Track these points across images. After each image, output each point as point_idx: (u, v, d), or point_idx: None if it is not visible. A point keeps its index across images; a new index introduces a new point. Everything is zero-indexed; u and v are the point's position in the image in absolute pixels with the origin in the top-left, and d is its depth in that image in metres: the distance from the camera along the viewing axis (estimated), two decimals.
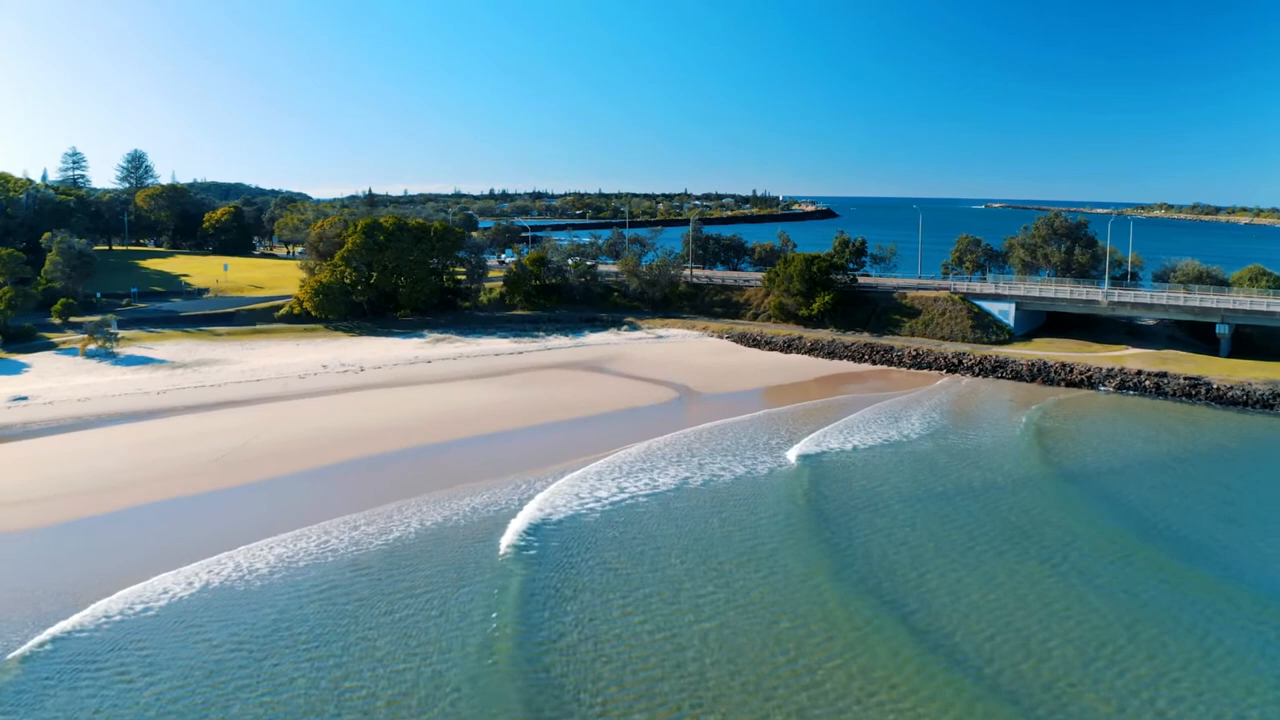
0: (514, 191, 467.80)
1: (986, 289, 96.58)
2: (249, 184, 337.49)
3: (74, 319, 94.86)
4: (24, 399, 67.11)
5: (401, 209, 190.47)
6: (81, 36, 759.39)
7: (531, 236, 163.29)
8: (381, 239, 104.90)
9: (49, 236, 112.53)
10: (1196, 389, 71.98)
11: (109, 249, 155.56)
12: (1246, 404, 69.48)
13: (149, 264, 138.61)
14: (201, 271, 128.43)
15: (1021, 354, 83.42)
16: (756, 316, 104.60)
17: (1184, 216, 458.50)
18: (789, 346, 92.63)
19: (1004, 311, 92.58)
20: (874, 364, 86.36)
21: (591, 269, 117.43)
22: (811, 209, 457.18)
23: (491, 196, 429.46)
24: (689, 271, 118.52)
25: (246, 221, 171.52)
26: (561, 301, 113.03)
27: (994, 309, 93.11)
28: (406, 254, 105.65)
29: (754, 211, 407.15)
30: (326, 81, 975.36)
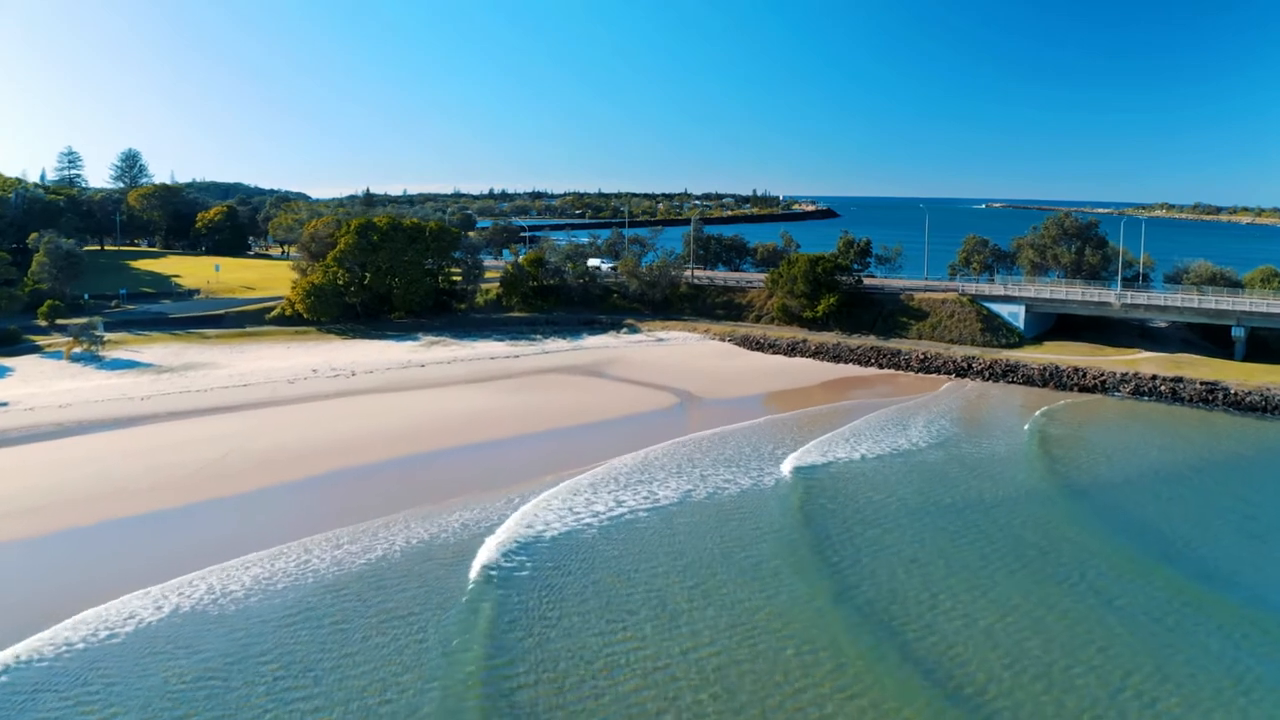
0: (513, 191, 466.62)
1: (996, 290, 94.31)
2: (248, 184, 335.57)
3: (61, 321, 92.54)
4: (4, 405, 65.02)
5: (400, 209, 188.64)
6: (81, 36, 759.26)
7: (530, 236, 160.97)
8: (375, 239, 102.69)
9: (36, 237, 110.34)
10: (1213, 394, 69.77)
11: (101, 249, 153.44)
12: (1266, 410, 67.29)
13: (140, 264, 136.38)
14: (193, 272, 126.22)
15: (1033, 357, 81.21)
16: (759, 319, 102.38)
17: (1185, 216, 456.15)
18: (793, 350, 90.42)
19: (1014, 314, 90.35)
20: (881, 368, 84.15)
21: (591, 270, 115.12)
22: (812, 209, 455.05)
23: (491, 196, 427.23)
24: (690, 272, 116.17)
25: (240, 221, 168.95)
26: (560, 303, 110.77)
27: (1003, 311, 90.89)
28: (401, 254, 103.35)
29: (754, 211, 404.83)
30: (326, 81, 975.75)
